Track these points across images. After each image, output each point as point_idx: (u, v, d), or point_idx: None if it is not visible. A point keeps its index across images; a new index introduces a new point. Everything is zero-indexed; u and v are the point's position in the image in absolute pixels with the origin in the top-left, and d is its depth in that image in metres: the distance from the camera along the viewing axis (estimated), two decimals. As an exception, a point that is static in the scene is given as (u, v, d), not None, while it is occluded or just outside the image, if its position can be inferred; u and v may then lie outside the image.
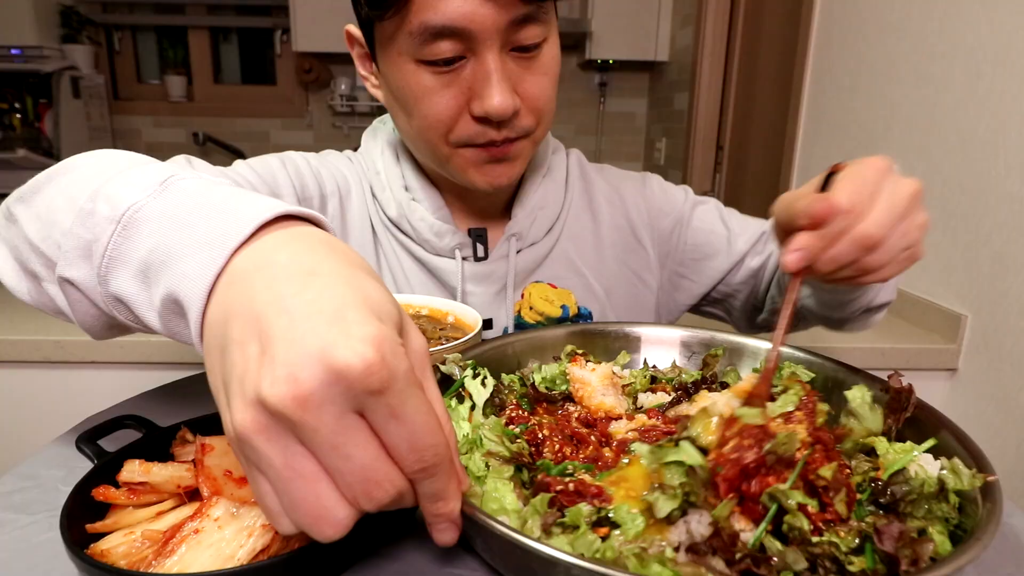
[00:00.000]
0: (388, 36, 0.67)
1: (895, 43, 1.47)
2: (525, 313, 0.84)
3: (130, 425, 0.53)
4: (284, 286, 0.32)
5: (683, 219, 0.90)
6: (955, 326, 1.27)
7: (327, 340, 0.30)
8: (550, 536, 0.39)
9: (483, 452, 0.45)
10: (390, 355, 0.30)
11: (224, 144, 3.29)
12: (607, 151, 3.46)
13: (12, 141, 2.79)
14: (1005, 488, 0.40)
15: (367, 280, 0.34)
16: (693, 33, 2.56)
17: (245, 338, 0.32)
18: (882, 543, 0.36)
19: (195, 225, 0.38)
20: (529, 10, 0.65)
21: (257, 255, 0.36)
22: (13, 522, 0.47)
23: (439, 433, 0.33)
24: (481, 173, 0.74)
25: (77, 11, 3.10)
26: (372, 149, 0.85)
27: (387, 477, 0.32)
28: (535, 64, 0.70)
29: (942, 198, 1.32)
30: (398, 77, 0.69)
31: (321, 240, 0.37)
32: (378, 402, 0.31)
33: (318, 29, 2.85)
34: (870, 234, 0.49)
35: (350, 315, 0.31)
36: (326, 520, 0.32)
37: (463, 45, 0.65)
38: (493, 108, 0.66)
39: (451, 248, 0.81)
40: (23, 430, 1.29)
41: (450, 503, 0.35)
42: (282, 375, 0.29)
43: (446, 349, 0.58)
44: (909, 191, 0.51)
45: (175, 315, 0.38)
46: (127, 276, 0.40)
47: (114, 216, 0.40)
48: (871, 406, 0.52)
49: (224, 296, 0.35)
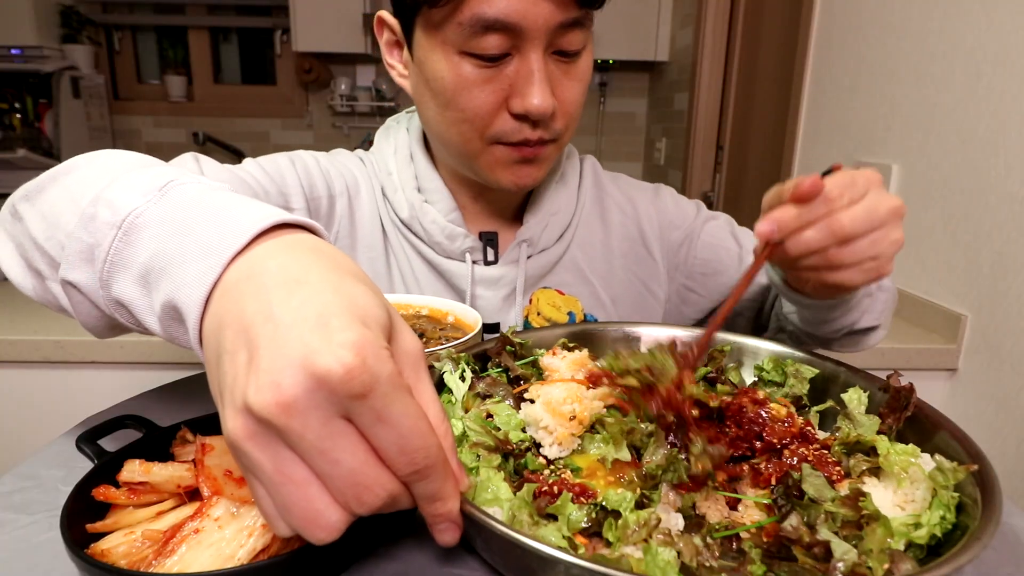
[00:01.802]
0: (435, 24, 0.67)
1: (895, 43, 1.47)
2: (533, 319, 0.84)
3: (130, 425, 0.53)
4: (272, 295, 0.33)
5: (694, 233, 0.89)
6: (955, 326, 1.27)
7: (310, 347, 0.30)
8: (537, 525, 0.40)
9: (470, 444, 0.46)
10: (372, 359, 0.31)
11: (224, 144, 3.29)
12: (607, 151, 3.46)
13: (12, 141, 2.79)
14: (1005, 488, 0.40)
15: (356, 286, 0.35)
16: (693, 33, 2.56)
17: (235, 347, 0.32)
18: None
19: (194, 232, 0.38)
20: (579, 14, 0.66)
21: (249, 264, 0.36)
22: (13, 522, 0.47)
23: (429, 435, 0.33)
24: (509, 172, 0.74)
25: (77, 11, 3.10)
26: (385, 149, 0.85)
27: (377, 481, 0.32)
28: (573, 70, 0.70)
29: (942, 198, 1.32)
30: (438, 67, 0.68)
31: (312, 247, 0.37)
32: (363, 406, 0.31)
33: (318, 29, 2.85)
34: (842, 225, 0.52)
35: (333, 321, 0.31)
36: (318, 524, 0.32)
37: (510, 42, 0.65)
38: (534, 107, 0.66)
39: (462, 251, 0.81)
40: (23, 430, 1.29)
41: (448, 503, 0.35)
42: (266, 382, 0.30)
43: (446, 349, 0.58)
44: (891, 204, 0.54)
45: (175, 321, 0.39)
46: (128, 281, 0.41)
47: (115, 221, 0.41)
48: (866, 409, 0.53)
49: (218, 306, 0.35)
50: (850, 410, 0.52)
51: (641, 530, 0.38)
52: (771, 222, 0.52)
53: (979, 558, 0.34)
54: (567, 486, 0.42)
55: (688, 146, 2.63)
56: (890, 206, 0.54)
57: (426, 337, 0.65)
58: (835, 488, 0.42)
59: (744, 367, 0.63)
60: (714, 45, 2.48)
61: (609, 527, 0.39)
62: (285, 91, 3.42)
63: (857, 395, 0.54)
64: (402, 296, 0.74)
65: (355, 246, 0.83)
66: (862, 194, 0.53)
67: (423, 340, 0.64)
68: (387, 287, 0.83)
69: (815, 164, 1.81)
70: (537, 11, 0.64)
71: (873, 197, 0.53)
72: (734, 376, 0.61)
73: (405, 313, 0.73)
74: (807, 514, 0.39)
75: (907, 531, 0.38)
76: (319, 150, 0.88)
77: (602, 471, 0.45)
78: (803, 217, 0.52)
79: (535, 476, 0.44)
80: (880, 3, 1.53)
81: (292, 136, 3.43)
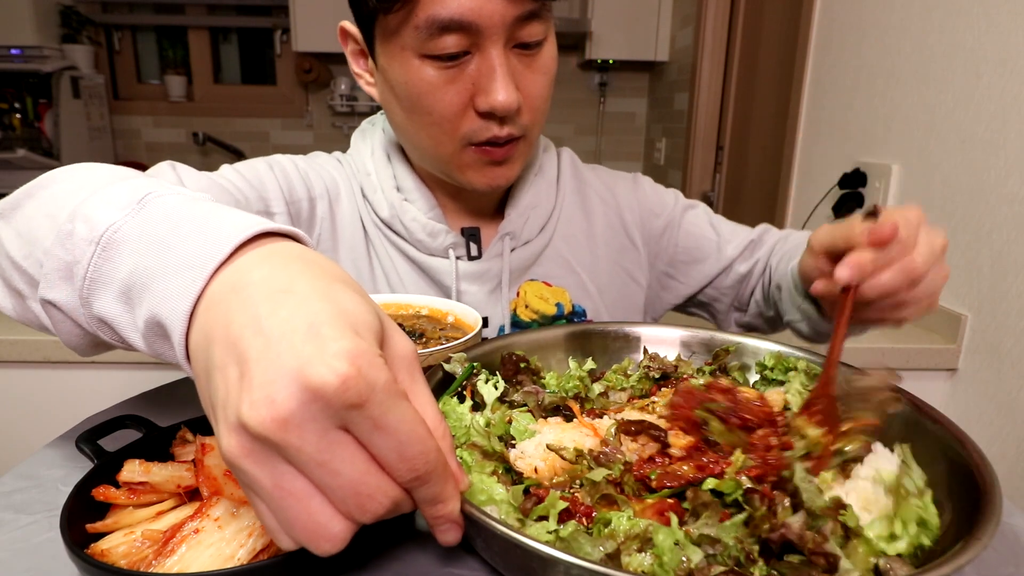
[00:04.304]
0: (392, 30, 0.67)
1: (895, 43, 1.47)
2: (521, 311, 0.84)
3: (130, 425, 0.53)
4: (259, 307, 0.32)
5: (674, 222, 0.91)
6: (955, 326, 1.27)
7: (302, 358, 0.30)
8: (524, 525, 0.40)
9: (468, 442, 0.46)
10: (367, 368, 0.30)
11: (224, 144, 3.29)
12: (607, 151, 3.46)
13: (12, 141, 2.79)
14: (1005, 488, 0.40)
15: (344, 292, 0.34)
16: (693, 33, 2.56)
17: (225, 362, 0.32)
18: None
19: (175, 245, 0.37)
20: (534, 6, 0.66)
21: (233, 276, 0.35)
22: (13, 522, 0.47)
23: (427, 439, 0.33)
24: (481, 175, 0.74)
25: (77, 11, 3.10)
26: (362, 150, 0.85)
27: (379, 489, 0.32)
28: (536, 62, 0.70)
29: (942, 198, 1.32)
30: (400, 73, 0.69)
31: (297, 256, 0.36)
32: (360, 415, 0.30)
33: (318, 29, 2.85)
34: (916, 266, 0.54)
35: (325, 331, 0.31)
36: (322, 536, 0.32)
37: (469, 40, 0.65)
38: (499, 103, 0.66)
39: (444, 248, 0.81)
40: (23, 430, 1.29)
41: (449, 505, 0.35)
42: (260, 398, 0.29)
43: (446, 349, 0.58)
44: (942, 241, 0.57)
45: (159, 337, 0.38)
46: (110, 298, 0.40)
47: (93, 237, 0.39)
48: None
49: (204, 320, 0.35)
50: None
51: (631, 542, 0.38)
52: (852, 267, 0.53)
53: (979, 558, 0.34)
54: (576, 506, 0.41)
55: (688, 146, 2.63)
56: (942, 242, 0.56)
57: (426, 337, 0.65)
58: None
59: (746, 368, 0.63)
60: (714, 45, 2.48)
61: (598, 532, 0.39)
62: (285, 91, 3.42)
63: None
64: (402, 296, 0.74)
65: (337, 248, 0.83)
66: (919, 233, 0.55)
67: (423, 340, 0.64)
68: (371, 287, 0.83)
69: (815, 164, 1.81)
70: (492, 7, 0.64)
71: (927, 234, 0.55)
72: (739, 376, 0.61)
73: (405, 313, 0.73)
74: (813, 523, 0.39)
75: (885, 545, 0.38)
76: (319, 150, 0.88)
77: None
78: (878, 261, 0.53)
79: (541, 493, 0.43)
80: (880, 3, 1.53)
81: (292, 136, 3.43)
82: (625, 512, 0.40)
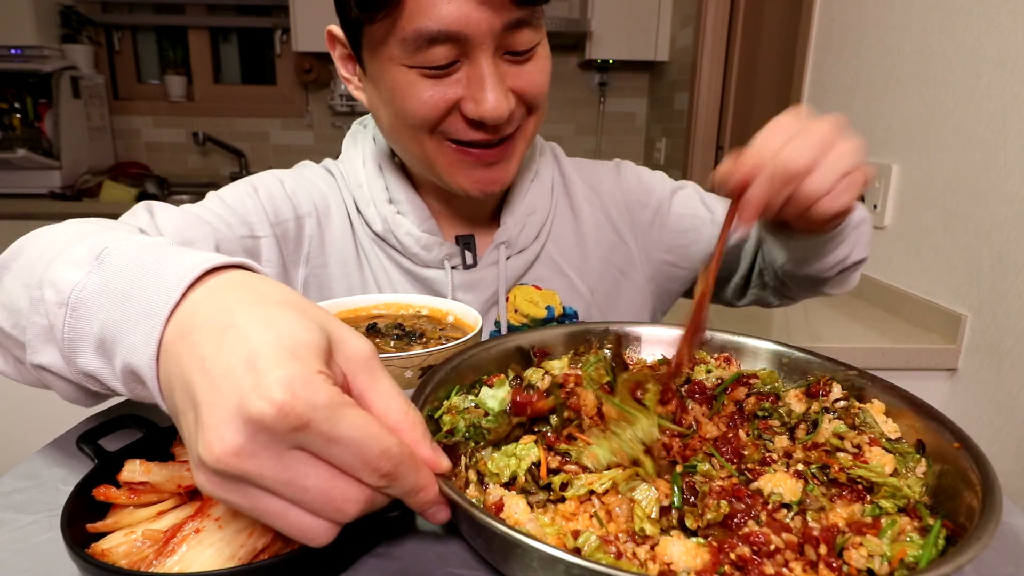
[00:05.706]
0: (378, 40, 0.67)
1: (895, 43, 1.47)
2: (510, 316, 0.83)
3: (130, 425, 0.53)
4: (203, 348, 0.34)
5: (663, 207, 0.89)
6: (955, 326, 1.27)
7: (242, 392, 0.31)
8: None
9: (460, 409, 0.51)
10: (303, 390, 0.31)
11: (224, 144, 3.29)
12: (607, 151, 3.46)
13: (12, 141, 2.79)
14: (1005, 488, 0.40)
15: (283, 315, 0.35)
16: (693, 33, 2.56)
17: (184, 407, 0.34)
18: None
19: (133, 297, 0.39)
20: (523, 14, 0.65)
21: (182, 320, 0.37)
22: (13, 522, 0.47)
23: (385, 439, 0.34)
24: (471, 179, 0.73)
25: (77, 11, 3.10)
26: (354, 158, 0.84)
27: (347, 495, 0.34)
28: (529, 66, 0.70)
29: (942, 198, 1.32)
30: (388, 80, 0.68)
31: (236, 286, 0.38)
32: (309, 435, 0.32)
33: (318, 29, 2.84)
34: (791, 160, 0.54)
35: (261, 363, 0.32)
36: (309, 538, 0.34)
37: (458, 50, 0.65)
38: (488, 112, 0.66)
39: (439, 259, 0.81)
40: (23, 430, 1.29)
41: (428, 492, 0.36)
42: (211, 438, 0.31)
43: (446, 349, 0.58)
44: (828, 123, 0.56)
45: (138, 383, 0.40)
46: (89, 353, 0.41)
47: (62, 300, 0.41)
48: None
49: (165, 367, 0.37)
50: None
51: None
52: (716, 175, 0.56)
53: (979, 558, 0.34)
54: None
55: (688, 146, 2.63)
56: (827, 125, 0.56)
57: (426, 337, 0.65)
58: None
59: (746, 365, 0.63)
60: (714, 45, 2.48)
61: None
62: (285, 91, 3.42)
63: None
64: (402, 296, 0.74)
65: (327, 264, 0.82)
66: (792, 133, 0.55)
67: (423, 340, 0.64)
68: None
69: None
70: (479, 17, 0.63)
71: (806, 128, 0.55)
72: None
73: (405, 313, 0.73)
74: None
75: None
76: (319, 150, 0.88)
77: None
78: (743, 166, 0.55)
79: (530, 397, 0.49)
80: (880, 3, 1.53)
81: (292, 136, 3.43)
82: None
